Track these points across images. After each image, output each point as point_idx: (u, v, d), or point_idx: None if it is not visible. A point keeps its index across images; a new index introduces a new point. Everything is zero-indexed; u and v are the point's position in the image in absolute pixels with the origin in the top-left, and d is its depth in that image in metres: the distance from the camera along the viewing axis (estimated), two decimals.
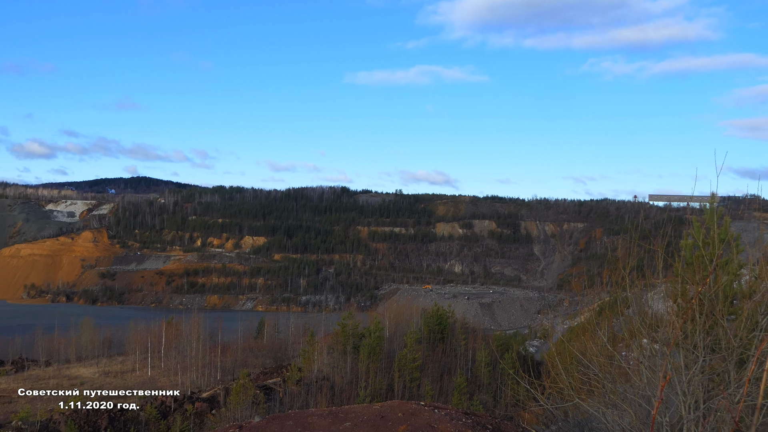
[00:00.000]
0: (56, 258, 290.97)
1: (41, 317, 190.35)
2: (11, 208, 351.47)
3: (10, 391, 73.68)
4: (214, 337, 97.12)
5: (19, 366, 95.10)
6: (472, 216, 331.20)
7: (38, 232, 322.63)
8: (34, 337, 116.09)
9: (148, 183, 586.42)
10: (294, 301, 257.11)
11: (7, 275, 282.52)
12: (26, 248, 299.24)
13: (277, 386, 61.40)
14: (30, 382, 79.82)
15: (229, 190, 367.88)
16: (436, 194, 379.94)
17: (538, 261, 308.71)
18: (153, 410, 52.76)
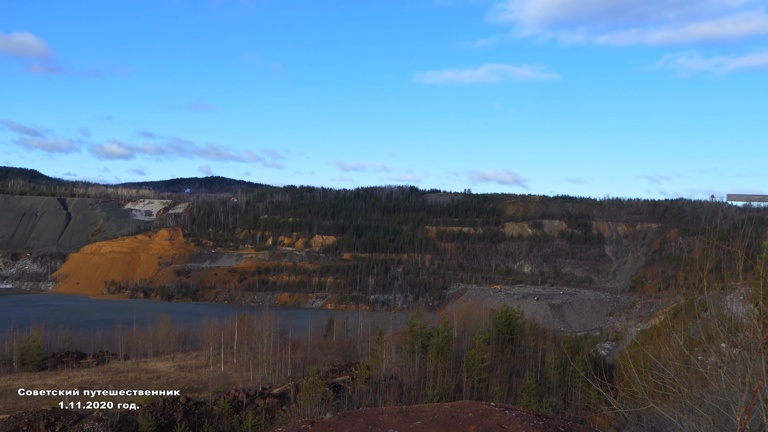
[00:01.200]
0: (134, 255, 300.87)
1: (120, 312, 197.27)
2: (93, 207, 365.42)
3: (92, 383, 76.66)
4: (284, 334, 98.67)
5: (100, 359, 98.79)
6: (541, 216, 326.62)
7: (118, 231, 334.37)
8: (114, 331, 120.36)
9: (222, 183, 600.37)
10: (363, 300, 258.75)
11: (89, 272, 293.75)
12: (107, 246, 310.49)
13: (346, 384, 61.96)
14: (110, 375, 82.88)
15: (300, 190, 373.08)
16: (505, 194, 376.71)
17: (609, 262, 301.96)
18: (226, 405, 54.04)
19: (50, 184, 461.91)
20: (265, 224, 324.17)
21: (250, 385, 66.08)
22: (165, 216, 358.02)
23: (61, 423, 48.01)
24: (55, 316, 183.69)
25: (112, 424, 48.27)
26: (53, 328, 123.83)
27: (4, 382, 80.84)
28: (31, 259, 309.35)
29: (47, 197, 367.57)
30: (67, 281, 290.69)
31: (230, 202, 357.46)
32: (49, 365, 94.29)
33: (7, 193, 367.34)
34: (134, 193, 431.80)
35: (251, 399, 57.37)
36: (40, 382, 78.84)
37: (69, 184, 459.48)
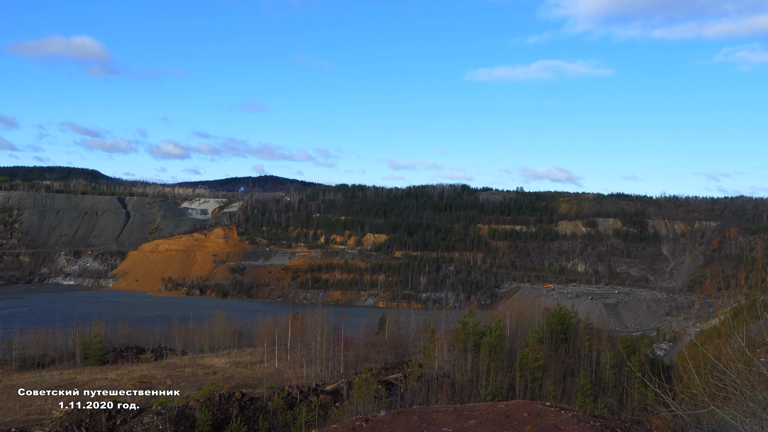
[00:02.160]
0: (191, 253, 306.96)
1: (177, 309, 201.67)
2: (151, 205, 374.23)
3: (151, 378, 78.52)
4: (337, 331, 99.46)
5: (159, 354, 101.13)
6: (596, 214, 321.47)
7: (174, 229, 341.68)
8: (171, 327, 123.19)
9: (275, 182, 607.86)
10: (414, 298, 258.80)
11: (147, 269, 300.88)
12: (164, 244, 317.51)
13: (398, 382, 62.11)
14: (168, 370, 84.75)
15: (351, 189, 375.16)
16: (559, 192, 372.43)
17: (666, 261, 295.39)
18: (280, 401, 54.76)
19: (110, 183, 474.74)
20: (317, 223, 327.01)
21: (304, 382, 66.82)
22: (220, 215, 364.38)
23: (121, 416, 49.37)
24: (115, 312, 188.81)
25: (170, 417, 49.41)
26: (114, 323, 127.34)
27: (68, 375, 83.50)
28: (93, 257, 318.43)
29: (107, 197, 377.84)
30: (126, 278, 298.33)
31: (283, 200, 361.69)
32: (110, 359, 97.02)
33: (69, 193, 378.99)
34: (190, 192, 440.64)
35: (305, 395, 58.02)
36: (102, 376, 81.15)
37: (128, 184, 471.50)
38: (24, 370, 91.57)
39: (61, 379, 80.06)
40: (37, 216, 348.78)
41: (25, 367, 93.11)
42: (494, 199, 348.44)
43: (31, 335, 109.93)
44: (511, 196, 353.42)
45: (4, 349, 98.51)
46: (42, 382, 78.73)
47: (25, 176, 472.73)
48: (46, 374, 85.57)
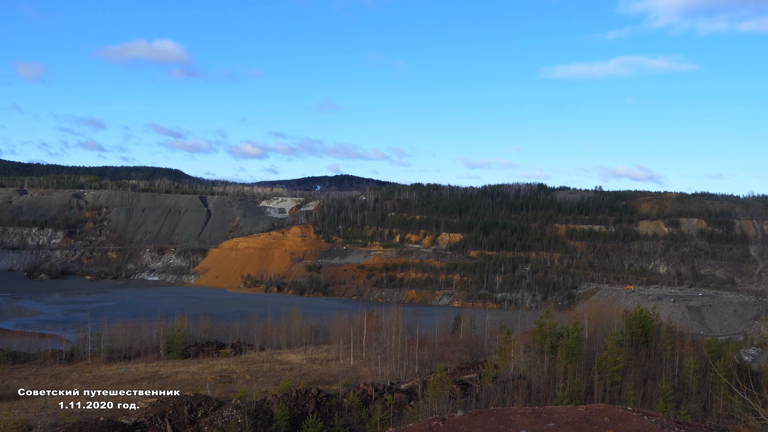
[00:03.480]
0: (269, 251, 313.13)
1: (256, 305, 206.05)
2: (230, 204, 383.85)
3: (230, 372, 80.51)
4: (412, 330, 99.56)
5: (238, 349, 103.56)
6: (678, 214, 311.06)
7: (253, 227, 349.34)
8: (250, 323, 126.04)
9: (350, 181, 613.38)
10: (490, 298, 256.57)
11: (227, 266, 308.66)
12: (243, 242, 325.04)
13: (474, 382, 61.72)
14: (246, 365, 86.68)
15: (427, 188, 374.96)
16: (639, 191, 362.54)
17: (755, 263, 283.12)
18: (355, 398, 55.25)
19: (192, 183, 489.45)
20: (392, 222, 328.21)
21: (379, 380, 67.19)
22: (297, 213, 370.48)
23: (202, 409, 50.83)
24: (197, 308, 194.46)
25: (248, 411, 50.56)
26: (195, 318, 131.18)
27: (152, 368, 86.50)
28: (175, 254, 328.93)
29: (189, 195, 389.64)
30: (207, 275, 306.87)
31: (359, 199, 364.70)
32: (191, 353, 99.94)
33: (154, 192, 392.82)
34: (268, 192, 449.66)
35: (379, 393, 58.34)
36: (184, 369, 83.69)
37: (209, 183, 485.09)
38: (111, 361, 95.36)
39: (145, 372, 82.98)
40: (124, 214, 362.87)
41: (112, 359, 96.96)
42: (572, 198, 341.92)
43: (118, 328, 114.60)
44: (590, 195, 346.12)
45: (93, 341, 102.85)
46: (128, 373, 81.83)
47: (112, 176, 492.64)
48: (132, 366, 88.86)
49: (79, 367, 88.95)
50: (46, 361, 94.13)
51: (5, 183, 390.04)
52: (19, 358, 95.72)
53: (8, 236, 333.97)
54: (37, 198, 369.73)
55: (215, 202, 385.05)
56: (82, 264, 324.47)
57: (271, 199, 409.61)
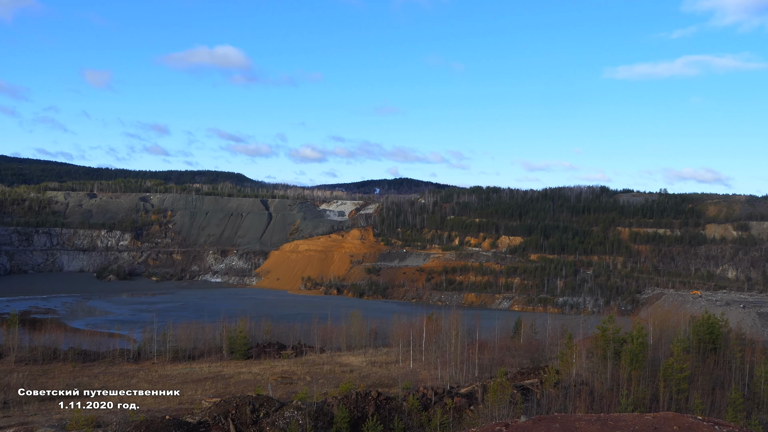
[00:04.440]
0: (328, 254, 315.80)
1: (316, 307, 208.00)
2: (291, 207, 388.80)
3: (291, 373, 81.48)
4: (471, 334, 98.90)
5: (298, 351, 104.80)
6: (748, 217, 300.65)
7: (313, 230, 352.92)
8: (310, 325, 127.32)
9: (409, 184, 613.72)
10: (551, 302, 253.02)
11: (288, 268, 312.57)
12: (303, 244, 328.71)
13: (535, 387, 60.97)
14: (307, 366, 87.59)
15: (486, 191, 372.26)
16: (706, 193, 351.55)
17: None
18: (415, 401, 55.21)
19: (253, 186, 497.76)
20: (451, 225, 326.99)
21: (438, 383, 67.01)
22: (356, 216, 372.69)
23: (264, 409, 51.58)
24: (258, 309, 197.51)
25: (309, 413, 51.07)
26: (257, 320, 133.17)
27: (215, 368, 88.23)
28: (238, 256, 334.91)
29: (251, 199, 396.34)
30: (268, 277, 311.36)
31: (418, 202, 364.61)
32: (253, 354, 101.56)
33: (217, 195, 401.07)
34: (328, 195, 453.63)
35: (439, 397, 58.17)
36: (246, 370, 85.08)
37: (270, 187, 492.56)
38: (176, 361, 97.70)
39: (209, 372, 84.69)
40: (188, 217, 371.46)
41: (177, 359, 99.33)
42: (635, 201, 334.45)
43: (182, 329, 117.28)
44: (654, 198, 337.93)
45: (159, 341, 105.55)
46: (192, 373, 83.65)
47: (177, 180, 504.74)
48: (196, 366, 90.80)
49: (146, 366, 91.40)
50: (114, 360, 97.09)
51: (76, 187, 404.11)
52: (89, 356, 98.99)
53: (79, 238, 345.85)
54: (106, 201, 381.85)
55: (276, 206, 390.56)
56: (149, 265, 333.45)
57: (330, 203, 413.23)
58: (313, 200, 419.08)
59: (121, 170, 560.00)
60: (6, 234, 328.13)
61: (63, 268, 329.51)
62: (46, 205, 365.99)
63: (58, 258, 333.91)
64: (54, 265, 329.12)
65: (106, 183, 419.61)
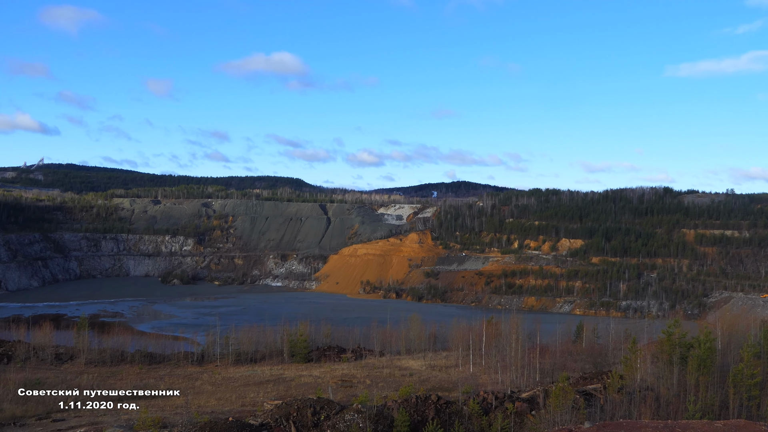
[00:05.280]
0: (387, 257, 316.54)
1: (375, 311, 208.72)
2: (349, 211, 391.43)
3: (351, 377, 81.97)
4: (532, 338, 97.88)
5: (358, 354, 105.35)
6: None
7: (371, 234, 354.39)
8: (370, 329, 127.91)
9: (467, 187, 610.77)
10: (613, 306, 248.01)
11: (347, 272, 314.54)
12: (362, 248, 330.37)
13: (598, 392, 59.89)
14: (367, 370, 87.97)
15: (545, 193, 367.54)
16: None
17: None
18: (475, 406, 54.87)
19: (312, 191, 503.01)
20: (510, 228, 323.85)
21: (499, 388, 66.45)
22: (414, 220, 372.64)
23: (325, 412, 52.02)
24: (318, 313, 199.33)
25: (369, 416, 51.26)
26: (317, 323, 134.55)
27: (276, 371, 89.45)
28: (297, 260, 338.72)
29: (310, 203, 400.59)
30: (327, 281, 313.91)
31: (476, 205, 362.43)
32: (314, 357, 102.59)
33: (276, 200, 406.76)
34: (386, 199, 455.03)
35: (500, 402, 57.68)
36: (307, 373, 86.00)
37: (328, 191, 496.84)
38: (239, 364, 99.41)
39: (270, 374, 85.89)
40: (249, 222, 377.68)
41: (239, 362, 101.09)
42: (701, 202, 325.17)
43: (244, 332, 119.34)
44: (720, 199, 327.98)
45: (222, 344, 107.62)
46: (254, 376, 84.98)
47: (238, 185, 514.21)
48: (258, 369, 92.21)
49: (209, 369, 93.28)
50: (179, 362, 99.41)
51: (141, 194, 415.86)
52: (155, 358, 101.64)
53: (144, 244, 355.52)
54: (170, 207, 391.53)
55: (334, 210, 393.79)
56: (211, 270, 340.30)
57: (388, 206, 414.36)
58: (371, 204, 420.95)
59: (183, 177, 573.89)
60: (76, 240, 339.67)
61: (129, 272, 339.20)
62: (113, 211, 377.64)
63: (125, 263, 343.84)
64: (121, 270, 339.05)
65: (169, 189, 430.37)
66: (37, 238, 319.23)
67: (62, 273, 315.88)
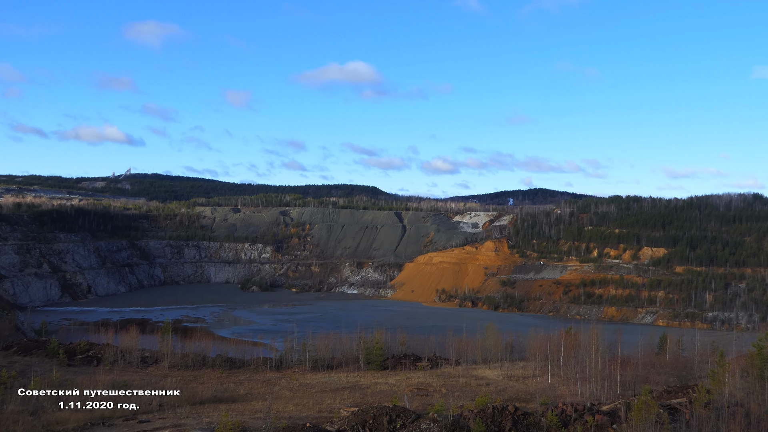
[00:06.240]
0: (462, 266, 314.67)
1: (450, 320, 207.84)
2: (425, 219, 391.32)
3: (427, 385, 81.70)
4: (612, 349, 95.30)
5: (434, 363, 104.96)
6: None
7: (447, 242, 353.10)
8: (445, 337, 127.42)
9: (544, 194, 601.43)
10: (699, 317, 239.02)
11: (422, 280, 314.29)
12: (437, 256, 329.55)
13: (683, 407, 57.76)
14: (443, 379, 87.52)
15: (626, 200, 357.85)
16: None
17: None
18: (554, 417, 53.78)
19: (387, 199, 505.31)
20: (589, 236, 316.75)
21: (578, 400, 64.94)
22: (490, 228, 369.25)
23: (401, 420, 51.99)
24: (393, 321, 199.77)
25: (445, 425, 50.93)
26: (392, 331, 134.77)
27: (353, 378, 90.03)
28: (373, 268, 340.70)
29: (385, 211, 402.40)
30: (403, 289, 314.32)
31: (553, 213, 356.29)
32: (389, 365, 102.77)
33: (353, 208, 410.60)
34: (461, 206, 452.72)
35: (579, 414, 56.35)
36: (382, 381, 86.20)
37: (403, 199, 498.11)
38: (316, 370, 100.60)
39: (347, 381, 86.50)
40: (326, 230, 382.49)
41: (316, 368, 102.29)
42: None
43: (321, 339, 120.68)
44: None
45: (299, 350, 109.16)
46: (331, 382, 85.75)
47: (314, 194, 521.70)
48: (334, 375, 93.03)
49: (287, 375, 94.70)
50: (258, 368, 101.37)
51: (222, 202, 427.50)
52: (235, 363, 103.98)
53: (225, 251, 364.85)
54: (249, 216, 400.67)
55: (410, 218, 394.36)
56: (288, 277, 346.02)
57: (464, 214, 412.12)
58: (446, 212, 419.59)
59: (262, 185, 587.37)
60: (160, 247, 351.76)
61: (210, 279, 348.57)
62: (195, 219, 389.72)
63: (206, 270, 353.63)
64: (202, 277, 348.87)
65: (248, 198, 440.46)
66: (125, 246, 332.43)
67: (147, 279, 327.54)
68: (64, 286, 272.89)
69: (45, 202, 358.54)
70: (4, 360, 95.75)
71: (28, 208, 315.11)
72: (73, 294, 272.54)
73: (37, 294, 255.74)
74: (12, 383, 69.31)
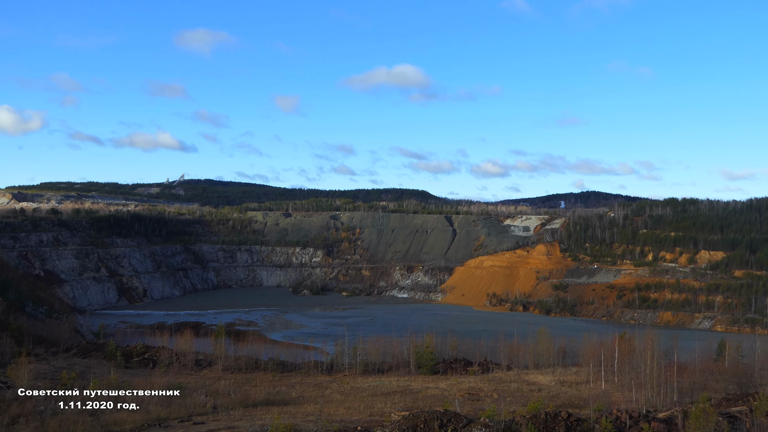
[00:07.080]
0: (513, 269, 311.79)
1: (501, 324, 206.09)
2: (475, 223, 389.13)
3: (478, 390, 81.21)
4: (668, 355, 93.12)
5: (485, 368, 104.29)
6: None
7: (498, 246, 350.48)
8: (496, 342, 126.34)
9: (597, 197, 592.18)
10: (759, 323, 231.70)
11: (473, 284, 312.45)
12: (488, 260, 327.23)
13: (743, 416, 56.21)
14: (494, 384, 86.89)
15: (682, 203, 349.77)
16: None
17: None
18: (608, 424, 52.91)
19: (437, 203, 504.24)
20: (644, 239, 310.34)
21: (633, 407, 63.75)
22: (542, 231, 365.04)
23: (452, 425, 51.83)
24: (444, 325, 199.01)
25: (497, 431, 50.60)
26: (443, 335, 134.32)
27: (403, 382, 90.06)
28: (423, 272, 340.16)
29: (435, 215, 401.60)
30: (453, 293, 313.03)
31: (607, 216, 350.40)
32: (440, 370, 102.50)
33: (402, 212, 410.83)
34: (512, 210, 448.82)
35: (634, 421, 55.32)
36: (433, 385, 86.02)
37: (453, 203, 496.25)
38: (366, 374, 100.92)
39: (397, 385, 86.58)
40: (376, 234, 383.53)
41: (367, 372, 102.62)
42: None
43: (372, 343, 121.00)
44: None
45: (350, 354, 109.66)
46: (381, 386, 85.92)
47: (364, 198, 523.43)
48: (385, 379, 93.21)
49: (338, 378, 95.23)
50: (309, 371, 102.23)
51: (273, 207, 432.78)
52: (287, 367, 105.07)
53: (276, 255, 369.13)
54: (300, 220, 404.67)
55: (460, 222, 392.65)
56: (339, 281, 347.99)
57: (514, 218, 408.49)
58: (496, 216, 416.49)
59: (312, 190, 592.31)
60: (213, 252, 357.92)
61: (262, 283, 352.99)
62: (247, 224, 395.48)
63: (258, 274, 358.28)
64: (254, 281, 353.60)
65: (299, 203, 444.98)
66: (179, 250, 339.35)
67: (201, 283, 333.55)
68: (120, 289, 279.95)
69: (102, 208, 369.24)
70: (65, 362, 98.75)
71: (86, 214, 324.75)
72: (130, 297, 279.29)
73: (95, 297, 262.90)
74: (72, 384, 71.48)
